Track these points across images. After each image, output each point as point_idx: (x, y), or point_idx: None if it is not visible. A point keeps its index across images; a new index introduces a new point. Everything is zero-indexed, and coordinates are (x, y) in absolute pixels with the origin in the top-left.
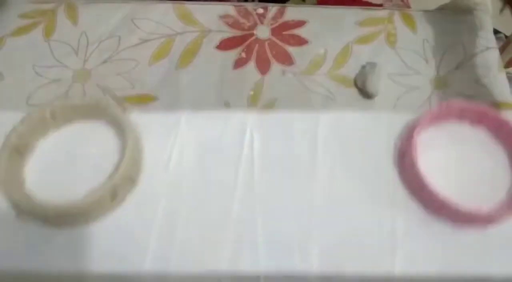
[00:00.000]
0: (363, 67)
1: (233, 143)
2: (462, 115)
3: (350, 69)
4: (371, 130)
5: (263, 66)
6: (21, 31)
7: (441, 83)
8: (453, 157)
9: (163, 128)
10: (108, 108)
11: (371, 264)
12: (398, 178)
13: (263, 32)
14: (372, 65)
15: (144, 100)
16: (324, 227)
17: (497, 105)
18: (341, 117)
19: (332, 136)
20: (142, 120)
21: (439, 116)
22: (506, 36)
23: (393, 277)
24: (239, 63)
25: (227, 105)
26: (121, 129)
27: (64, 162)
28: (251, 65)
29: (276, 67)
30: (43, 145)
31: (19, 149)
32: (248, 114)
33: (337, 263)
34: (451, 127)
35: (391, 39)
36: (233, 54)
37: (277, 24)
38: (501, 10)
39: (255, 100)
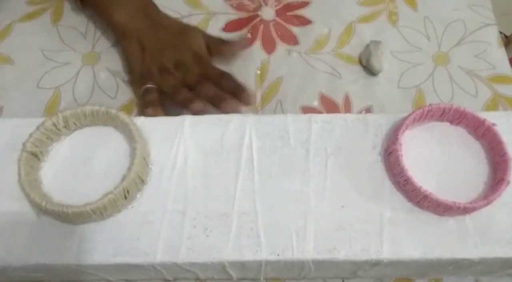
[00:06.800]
0: (367, 45)
1: (234, 144)
2: (443, 116)
3: (354, 48)
4: (360, 131)
5: (269, 46)
6: (29, 16)
7: (443, 59)
8: (434, 154)
9: (168, 133)
10: (118, 115)
11: (361, 249)
12: (385, 173)
13: (267, 13)
14: (376, 43)
15: None
16: (318, 218)
17: (497, 79)
18: (333, 119)
19: (325, 136)
20: (149, 125)
21: (422, 117)
22: (506, 36)
23: (381, 260)
24: None
25: None
26: (129, 134)
27: (78, 165)
28: (257, 46)
29: (281, 47)
30: (57, 149)
31: (36, 154)
32: (246, 117)
33: (331, 249)
34: (433, 127)
35: (392, 18)
36: (239, 35)
37: (281, 5)
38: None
39: (262, 79)
